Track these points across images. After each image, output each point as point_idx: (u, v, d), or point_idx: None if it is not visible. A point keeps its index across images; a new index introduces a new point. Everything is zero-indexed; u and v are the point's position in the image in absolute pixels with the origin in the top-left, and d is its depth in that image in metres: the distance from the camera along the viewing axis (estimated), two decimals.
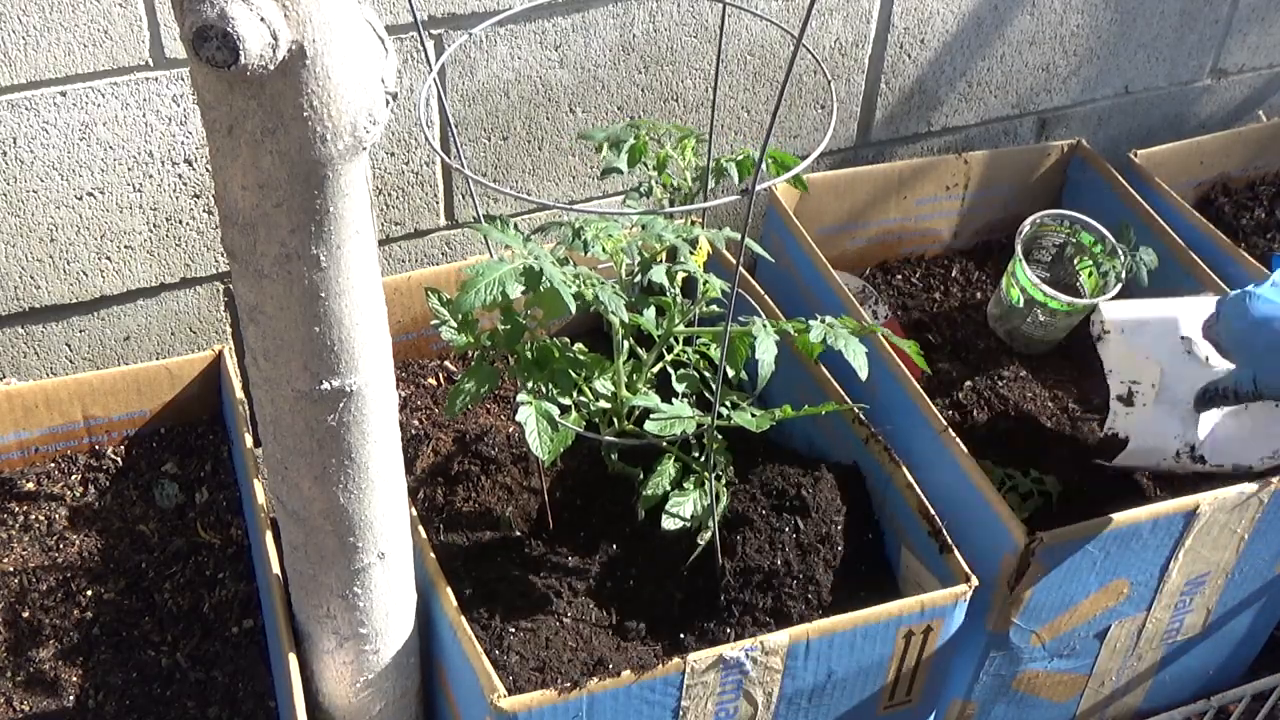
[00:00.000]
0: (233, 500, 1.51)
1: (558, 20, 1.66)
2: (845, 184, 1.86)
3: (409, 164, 1.70)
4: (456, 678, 1.27)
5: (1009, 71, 2.03)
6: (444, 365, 1.66)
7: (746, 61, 1.82)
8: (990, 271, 1.96)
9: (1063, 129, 2.15)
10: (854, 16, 1.85)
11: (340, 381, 1.02)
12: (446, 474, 1.47)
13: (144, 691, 1.33)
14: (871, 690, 1.34)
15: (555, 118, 1.75)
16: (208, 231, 1.65)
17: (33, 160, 1.50)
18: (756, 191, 0.99)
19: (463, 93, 1.67)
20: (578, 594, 1.34)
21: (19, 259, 1.57)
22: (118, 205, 1.58)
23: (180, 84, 1.52)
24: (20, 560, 1.44)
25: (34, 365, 1.67)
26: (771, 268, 1.72)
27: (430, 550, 1.30)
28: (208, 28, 0.77)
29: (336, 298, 0.97)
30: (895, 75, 1.94)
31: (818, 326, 1.27)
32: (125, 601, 1.41)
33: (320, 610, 1.19)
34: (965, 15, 1.93)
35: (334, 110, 0.86)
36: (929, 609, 1.28)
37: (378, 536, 1.14)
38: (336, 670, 1.24)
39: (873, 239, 1.92)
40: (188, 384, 1.58)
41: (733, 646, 1.20)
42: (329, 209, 0.92)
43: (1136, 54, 2.11)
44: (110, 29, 1.45)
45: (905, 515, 1.38)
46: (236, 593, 1.41)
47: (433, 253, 1.81)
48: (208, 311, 1.72)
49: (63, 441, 1.55)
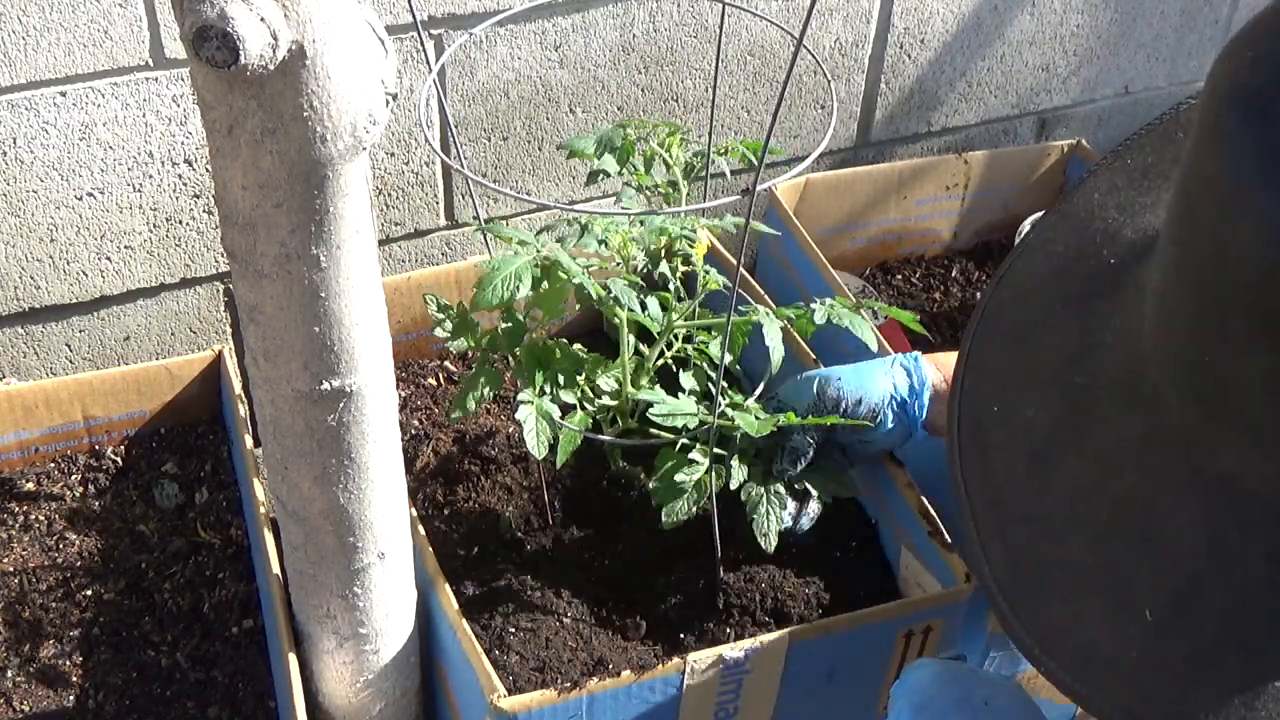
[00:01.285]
0: (233, 500, 1.51)
1: (558, 20, 1.66)
2: (845, 184, 1.86)
3: (409, 164, 1.70)
4: (456, 678, 1.27)
5: (1009, 71, 2.03)
6: (444, 365, 1.66)
7: (746, 61, 1.82)
8: (990, 271, 1.96)
9: (1063, 129, 2.15)
10: (854, 16, 1.85)
11: (340, 382, 1.02)
12: (446, 474, 1.47)
13: (144, 691, 1.33)
14: (872, 690, 1.34)
15: (555, 118, 1.75)
16: (208, 231, 1.65)
17: (33, 160, 1.50)
18: (757, 192, 0.99)
19: (463, 93, 1.67)
20: (578, 594, 1.34)
21: (19, 259, 1.57)
22: (118, 205, 1.58)
23: (180, 84, 1.52)
24: (20, 560, 1.44)
25: (34, 365, 1.67)
26: (771, 267, 1.72)
27: (430, 550, 1.30)
28: (208, 28, 0.77)
29: (336, 298, 0.97)
30: (895, 75, 1.94)
31: (820, 308, 1.28)
32: (125, 601, 1.41)
33: (320, 610, 1.19)
34: (965, 15, 1.93)
35: (334, 110, 0.86)
36: (929, 609, 1.28)
37: (378, 536, 1.14)
38: (336, 670, 1.24)
39: (873, 239, 1.92)
40: (188, 384, 1.58)
41: (733, 646, 1.20)
42: (329, 209, 0.92)
43: (1137, 54, 2.11)
44: (110, 29, 1.45)
45: (905, 515, 1.38)
46: (236, 593, 1.41)
47: (433, 253, 1.81)
48: (208, 311, 1.72)
49: (63, 441, 1.55)
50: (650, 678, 1.19)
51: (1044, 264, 0.84)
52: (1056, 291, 0.82)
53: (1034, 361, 0.80)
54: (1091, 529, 0.73)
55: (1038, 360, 0.80)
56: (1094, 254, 0.81)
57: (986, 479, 0.78)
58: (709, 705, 1.23)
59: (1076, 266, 0.82)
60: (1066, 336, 0.78)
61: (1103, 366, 0.75)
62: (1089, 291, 0.79)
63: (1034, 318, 0.82)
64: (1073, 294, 0.80)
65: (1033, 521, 0.75)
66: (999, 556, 0.76)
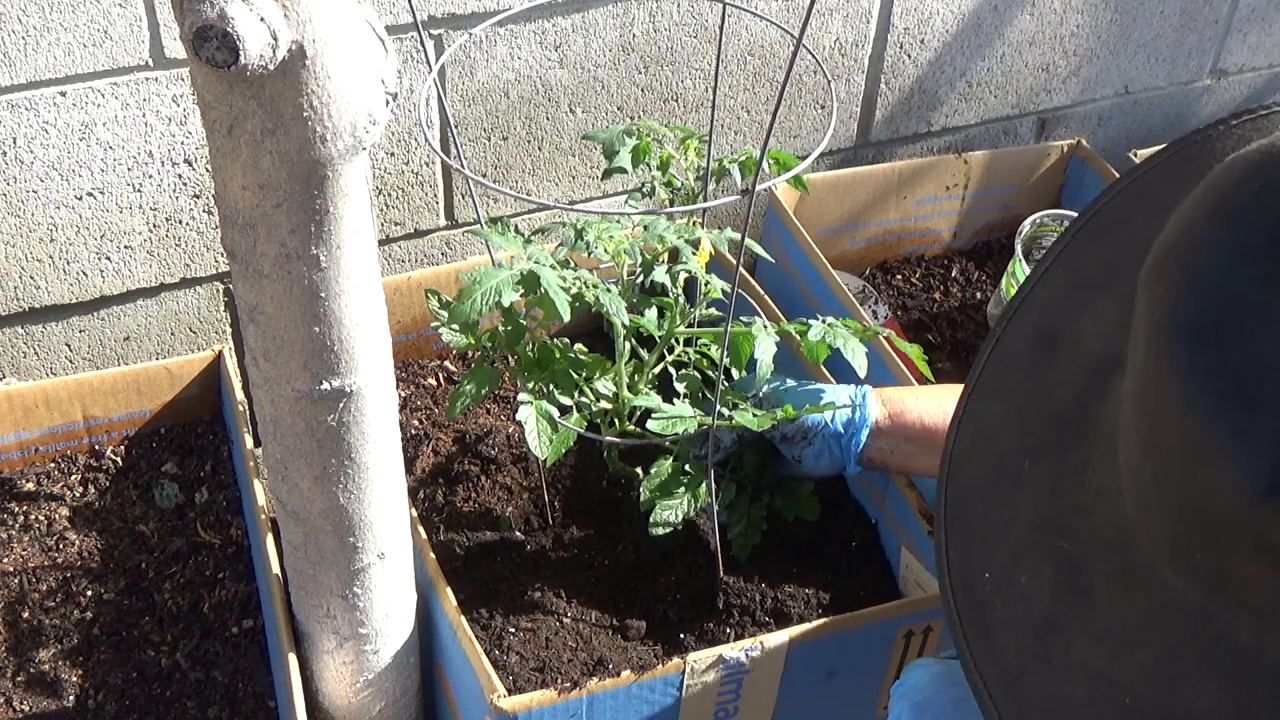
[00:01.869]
0: (233, 500, 1.51)
1: (558, 20, 1.66)
2: (845, 184, 1.86)
3: (409, 164, 1.70)
4: (456, 678, 1.27)
5: (1009, 71, 2.03)
6: (444, 365, 1.66)
7: (746, 62, 1.82)
8: (990, 271, 1.96)
9: (1063, 129, 2.15)
10: (854, 16, 1.85)
11: (340, 382, 1.02)
12: (446, 474, 1.47)
13: (144, 691, 1.33)
14: (872, 690, 1.34)
15: (555, 118, 1.75)
16: (208, 231, 1.65)
17: (33, 160, 1.50)
18: (757, 192, 0.99)
19: (463, 93, 1.67)
20: (578, 594, 1.34)
21: (19, 259, 1.57)
22: (118, 205, 1.58)
23: (180, 84, 1.52)
24: (20, 560, 1.44)
25: (34, 365, 1.67)
26: (772, 268, 1.72)
27: (430, 550, 1.30)
28: (208, 28, 0.77)
29: (336, 298, 0.97)
30: (895, 75, 1.94)
31: (817, 326, 1.27)
32: (125, 601, 1.41)
33: (320, 610, 1.19)
34: (965, 15, 1.93)
35: (334, 110, 0.86)
36: (929, 609, 1.28)
37: (378, 536, 1.14)
38: (336, 670, 1.24)
39: (873, 239, 1.92)
40: (188, 384, 1.58)
41: (733, 646, 1.20)
42: (329, 209, 0.92)
43: (1136, 54, 2.11)
44: (110, 29, 1.45)
45: (905, 515, 1.38)
46: (236, 593, 1.41)
47: (433, 253, 1.81)
48: (208, 311, 1.72)
49: (63, 441, 1.55)
50: (650, 678, 1.19)
51: (1002, 405, 0.81)
52: (1019, 441, 0.79)
53: (1014, 519, 0.77)
54: (1113, 712, 0.71)
55: (1017, 517, 0.77)
56: (1051, 386, 0.78)
57: (998, 665, 0.75)
58: (709, 705, 1.23)
59: (1035, 405, 0.79)
60: (1040, 494, 0.76)
61: (1087, 530, 0.73)
62: (1056, 441, 0.77)
63: (1003, 474, 0.79)
64: (1039, 446, 0.78)
65: (1055, 712, 0.73)
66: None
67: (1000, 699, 0.75)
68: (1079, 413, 0.76)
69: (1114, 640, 0.71)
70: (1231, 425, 0.60)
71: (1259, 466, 0.60)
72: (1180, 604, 0.68)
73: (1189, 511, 0.65)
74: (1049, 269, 0.83)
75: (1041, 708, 0.74)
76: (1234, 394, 0.60)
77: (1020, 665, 0.75)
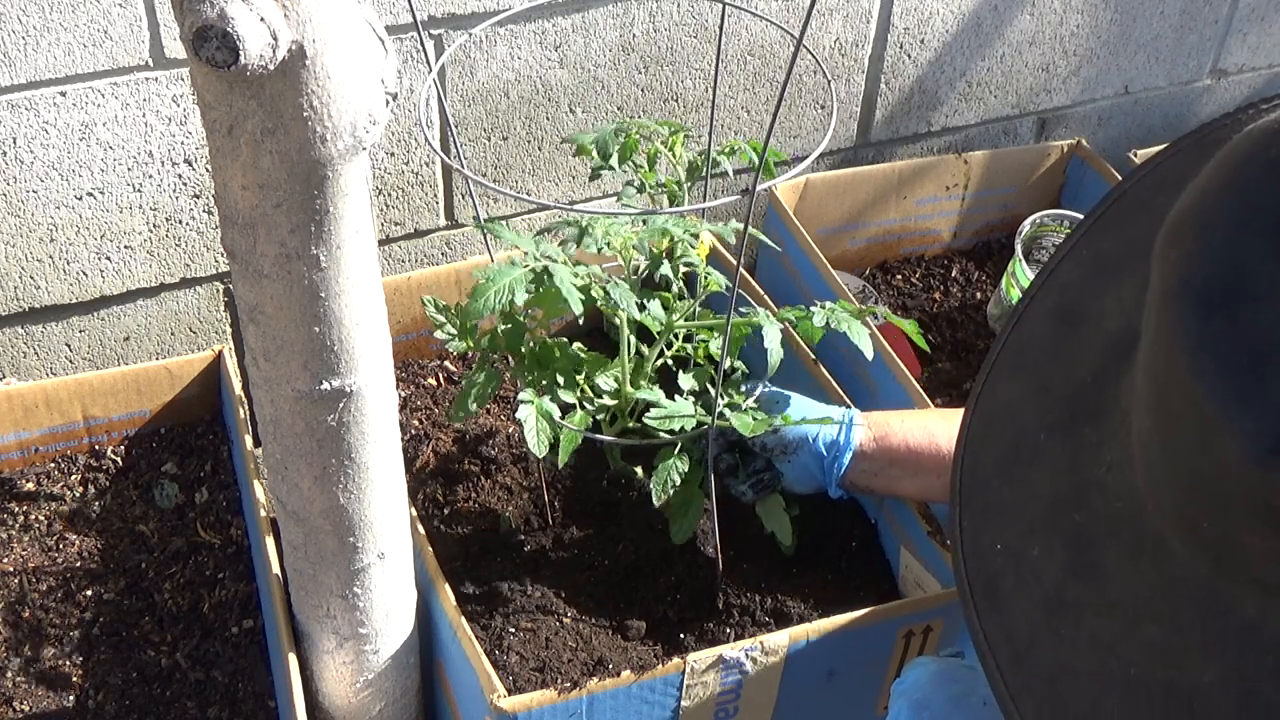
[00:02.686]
0: (233, 500, 1.51)
1: (558, 20, 1.66)
2: (845, 184, 1.86)
3: (409, 164, 1.70)
4: (456, 678, 1.27)
5: (1009, 71, 2.03)
6: (444, 365, 1.66)
7: (746, 61, 1.82)
8: (990, 271, 1.96)
9: (1063, 129, 2.15)
10: (854, 16, 1.85)
11: (340, 382, 1.02)
12: (446, 474, 1.47)
13: (144, 691, 1.33)
14: (872, 690, 1.34)
15: (555, 118, 1.75)
16: (208, 231, 1.65)
17: (33, 160, 1.50)
18: (757, 192, 0.99)
19: (463, 93, 1.67)
20: (578, 594, 1.34)
21: (19, 259, 1.57)
22: (118, 205, 1.58)
23: (180, 84, 1.52)
24: (20, 560, 1.44)
25: (34, 365, 1.67)
26: (771, 268, 1.72)
27: (430, 550, 1.30)
28: (208, 28, 0.77)
29: (336, 298, 0.97)
30: (895, 75, 1.94)
31: (819, 312, 1.28)
32: (125, 601, 1.41)
33: (320, 610, 1.19)
34: (965, 15, 1.93)
35: (334, 110, 0.86)
36: (929, 609, 1.28)
37: (378, 536, 1.14)
38: (336, 670, 1.24)
39: (873, 239, 1.92)
40: (188, 384, 1.58)
41: (733, 646, 1.20)
42: (329, 209, 0.92)
43: (1136, 54, 2.11)
44: (110, 29, 1.45)
45: (905, 515, 1.38)
46: (236, 593, 1.41)
47: (433, 253, 1.81)
48: (208, 311, 1.72)
49: (63, 441, 1.55)
50: (650, 678, 1.19)
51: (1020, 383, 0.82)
52: (1037, 418, 0.79)
53: (1029, 494, 0.78)
54: (1119, 685, 0.71)
55: (1033, 493, 0.78)
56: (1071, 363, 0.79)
57: (1007, 637, 0.75)
58: (709, 705, 1.23)
59: (1054, 382, 0.79)
60: (1057, 469, 0.76)
61: (1100, 504, 0.73)
62: (1073, 417, 0.77)
63: (1020, 450, 0.79)
64: (1057, 423, 0.78)
65: (1060, 680, 0.73)
66: (1031, 712, 0.74)
67: (1008, 670, 0.75)
68: (1098, 390, 0.76)
69: (1123, 614, 0.71)
70: (1238, 393, 0.60)
71: (1264, 433, 0.59)
72: (1187, 577, 0.68)
73: (1195, 481, 0.65)
74: (1072, 249, 0.83)
75: (1048, 678, 0.73)
76: (1242, 362, 0.60)
77: (1030, 637, 0.75)
